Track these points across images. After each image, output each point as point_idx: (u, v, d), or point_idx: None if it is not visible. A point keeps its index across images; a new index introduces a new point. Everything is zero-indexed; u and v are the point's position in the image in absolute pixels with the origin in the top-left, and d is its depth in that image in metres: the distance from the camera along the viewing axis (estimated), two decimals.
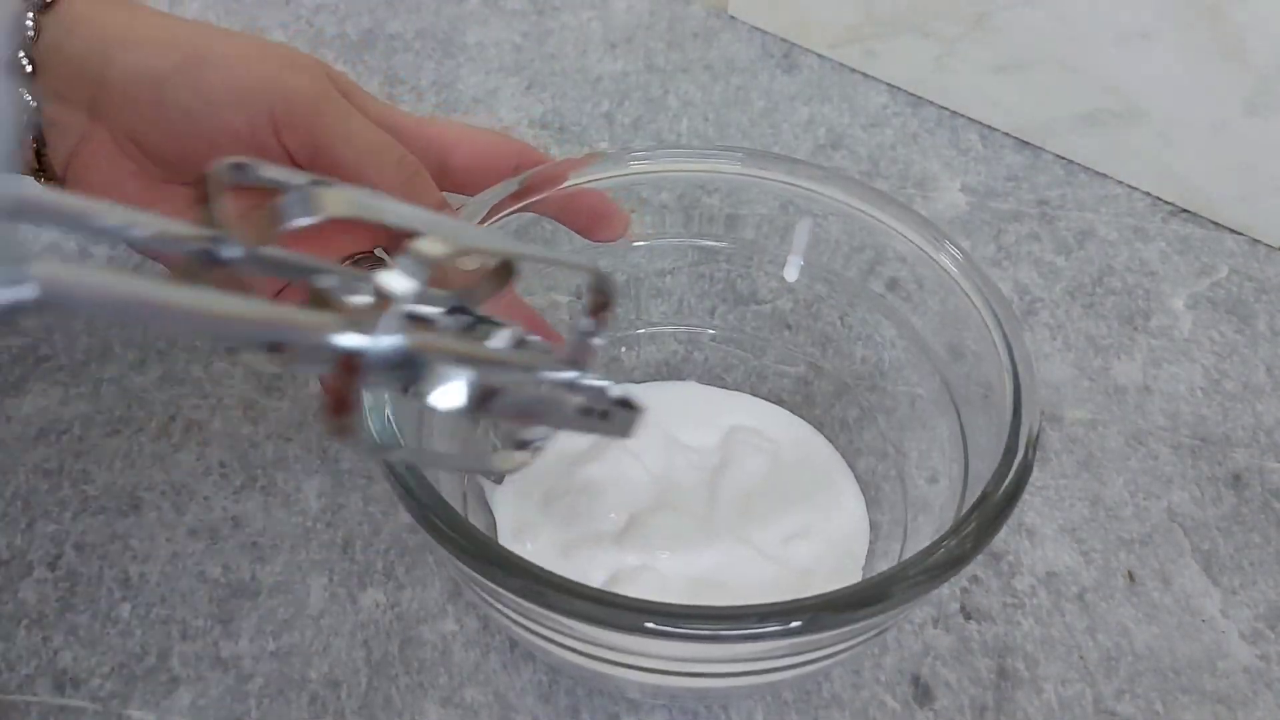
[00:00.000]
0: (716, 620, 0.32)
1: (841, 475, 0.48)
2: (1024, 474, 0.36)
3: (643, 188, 0.46)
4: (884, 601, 0.32)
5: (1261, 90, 0.56)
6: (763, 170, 0.45)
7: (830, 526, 0.46)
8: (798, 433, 0.49)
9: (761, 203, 0.47)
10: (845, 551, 0.45)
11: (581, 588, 0.32)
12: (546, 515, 0.45)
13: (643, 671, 0.36)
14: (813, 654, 0.35)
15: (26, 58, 0.40)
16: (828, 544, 0.45)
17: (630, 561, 0.43)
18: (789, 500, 0.46)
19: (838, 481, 0.47)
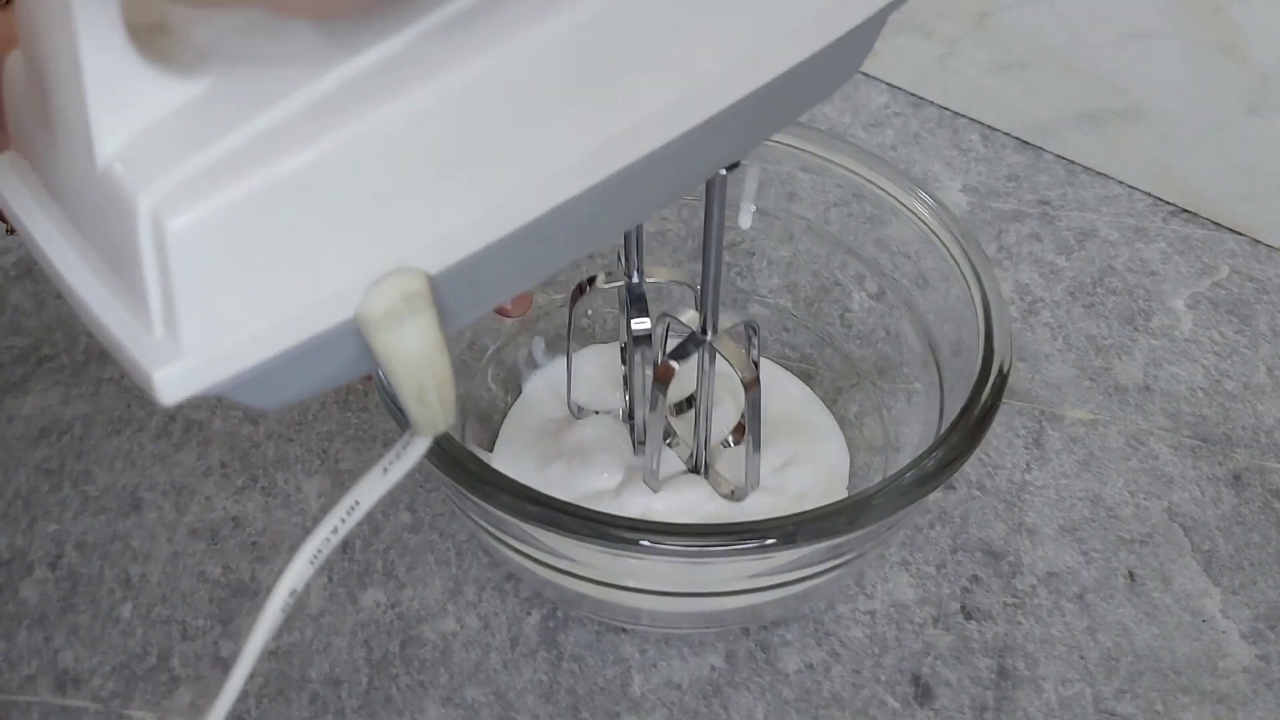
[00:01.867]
0: (729, 534, 0.36)
1: (818, 409, 0.51)
2: (996, 395, 0.39)
3: None
4: (869, 513, 0.36)
5: (1262, 90, 0.56)
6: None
7: (818, 453, 0.49)
8: (769, 370, 0.52)
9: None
10: (835, 475, 0.48)
11: (583, 509, 0.36)
12: (544, 480, 0.46)
13: (658, 596, 0.41)
14: (812, 567, 0.39)
15: None
16: (817, 469, 0.48)
17: (632, 510, 0.45)
18: (775, 432, 0.48)
19: (816, 414, 0.50)
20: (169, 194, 0.22)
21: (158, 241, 0.22)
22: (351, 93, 0.23)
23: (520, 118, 0.24)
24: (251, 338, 0.24)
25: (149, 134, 0.23)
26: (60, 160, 0.24)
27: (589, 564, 0.40)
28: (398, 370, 0.26)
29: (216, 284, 0.23)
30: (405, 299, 0.25)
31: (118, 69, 0.22)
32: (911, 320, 0.47)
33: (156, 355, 0.23)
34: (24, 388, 0.52)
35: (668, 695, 0.44)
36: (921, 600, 0.46)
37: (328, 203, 0.23)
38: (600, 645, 0.45)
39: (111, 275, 0.24)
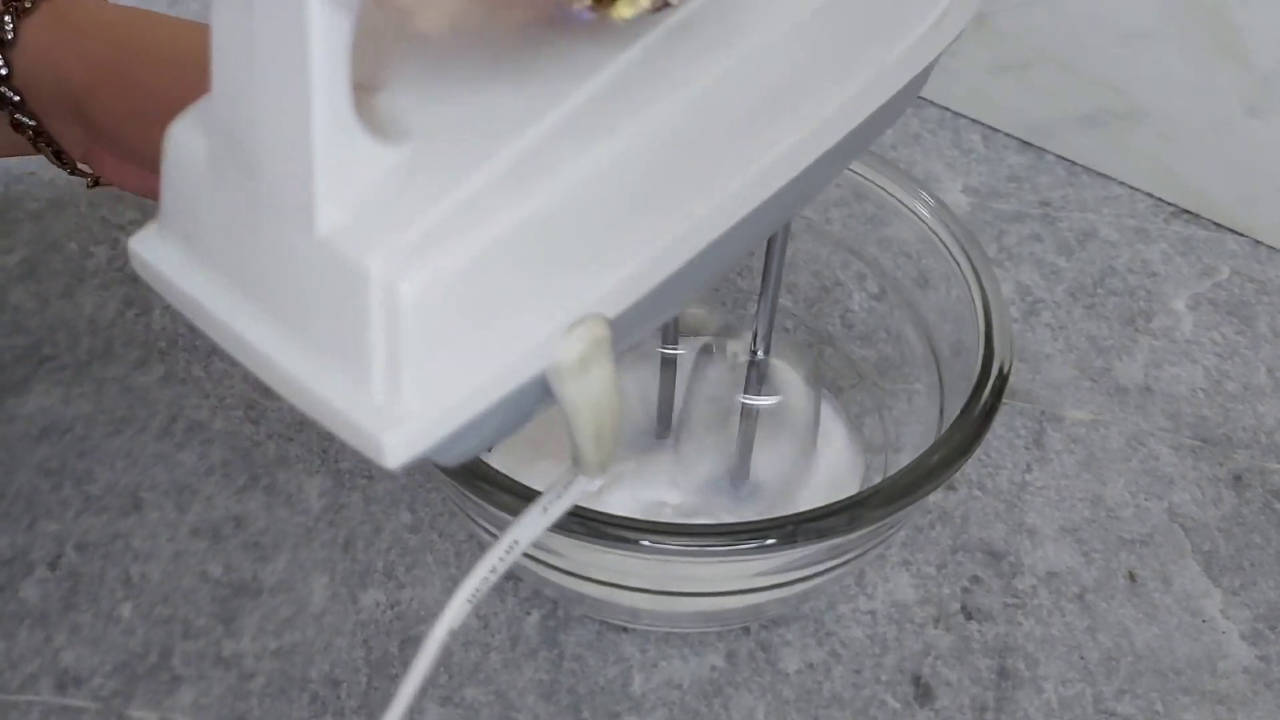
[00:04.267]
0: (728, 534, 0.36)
1: (828, 409, 0.50)
2: (997, 395, 0.39)
3: None
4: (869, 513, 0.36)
5: (1262, 90, 0.56)
6: None
7: (826, 452, 0.49)
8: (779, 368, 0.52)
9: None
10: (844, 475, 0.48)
11: (582, 509, 0.35)
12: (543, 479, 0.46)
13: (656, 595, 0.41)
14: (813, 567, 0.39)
15: (3, 60, 0.41)
16: (825, 469, 0.48)
17: (647, 499, 0.46)
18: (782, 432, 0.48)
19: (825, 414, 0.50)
20: (397, 259, 0.23)
21: (389, 306, 0.23)
22: (549, 147, 0.24)
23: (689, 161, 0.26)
24: (464, 397, 0.25)
25: (365, 201, 0.23)
26: (258, 230, 0.24)
27: (589, 563, 0.40)
28: (583, 415, 0.27)
29: (438, 345, 0.24)
30: (596, 345, 0.26)
31: (344, 138, 0.23)
32: (912, 320, 0.47)
33: (381, 420, 0.24)
34: (25, 387, 0.52)
35: (668, 695, 0.44)
36: (922, 600, 0.46)
37: (534, 257, 0.24)
38: (601, 645, 0.45)
39: (315, 343, 0.24)
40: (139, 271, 0.27)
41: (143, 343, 0.54)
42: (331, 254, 0.23)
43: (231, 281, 0.25)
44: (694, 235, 0.27)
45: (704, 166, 0.27)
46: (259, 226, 0.24)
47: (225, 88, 0.24)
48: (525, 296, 0.25)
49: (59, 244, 0.57)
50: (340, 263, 0.23)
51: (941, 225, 0.44)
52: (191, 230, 0.26)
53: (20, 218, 0.58)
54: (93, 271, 0.56)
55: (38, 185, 0.59)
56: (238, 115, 0.24)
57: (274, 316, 0.25)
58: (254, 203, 0.24)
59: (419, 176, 0.24)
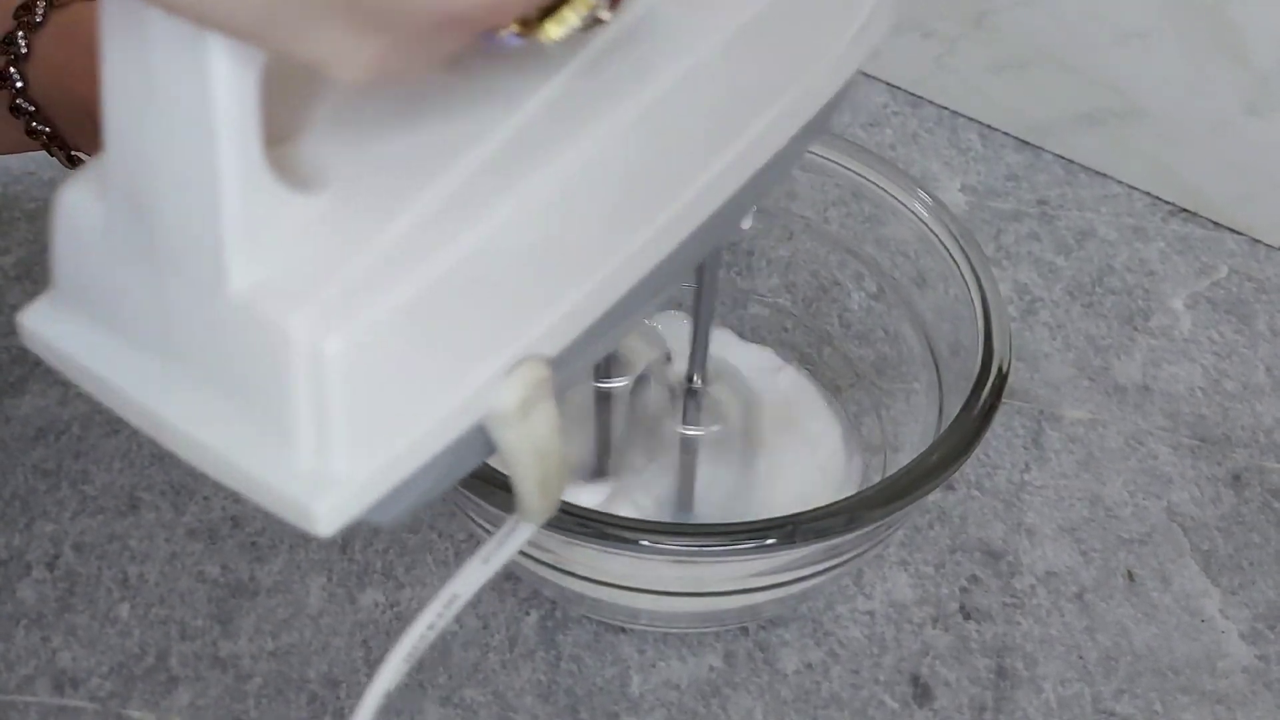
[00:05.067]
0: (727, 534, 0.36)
1: (819, 403, 0.50)
2: (996, 395, 0.39)
3: None
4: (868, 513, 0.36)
5: (1261, 90, 0.56)
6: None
7: (818, 448, 0.49)
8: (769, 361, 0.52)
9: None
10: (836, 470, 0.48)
11: (582, 509, 0.36)
12: None
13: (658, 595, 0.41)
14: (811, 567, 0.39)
15: (18, 74, 0.41)
16: (816, 465, 0.48)
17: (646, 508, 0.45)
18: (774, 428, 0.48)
19: (816, 408, 0.50)
20: (319, 316, 0.21)
21: (313, 366, 0.21)
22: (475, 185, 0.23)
23: (620, 191, 0.25)
24: (398, 454, 0.23)
25: (281, 256, 0.22)
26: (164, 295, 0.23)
27: (587, 563, 0.40)
28: (526, 461, 0.25)
29: (368, 403, 0.22)
30: (536, 388, 0.25)
31: (254, 191, 0.21)
32: (910, 320, 0.47)
33: (310, 487, 0.22)
34: (21, 388, 0.52)
35: (666, 695, 0.44)
36: (920, 600, 0.46)
37: (466, 301, 0.23)
38: (599, 645, 0.45)
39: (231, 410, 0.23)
40: (31, 347, 0.25)
41: None
42: (248, 314, 0.22)
43: (138, 352, 0.23)
44: (629, 267, 0.26)
45: (635, 196, 0.26)
46: (166, 291, 0.22)
47: (121, 144, 0.22)
48: (458, 343, 0.24)
49: None
50: (258, 323, 0.21)
51: (940, 224, 0.44)
52: (90, 300, 0.24)
53: (17, 218, 0.58)
54: None
55: (35, 185, 0.59)
56: (136, 173, 0.22)
57: (187, 386, 0.23)
58: (160, 265, 0.22)
59: (339, 226, 0.22)
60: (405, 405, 0.23)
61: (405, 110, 0.24)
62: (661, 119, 0.25)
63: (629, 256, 0.26)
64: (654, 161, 0.26)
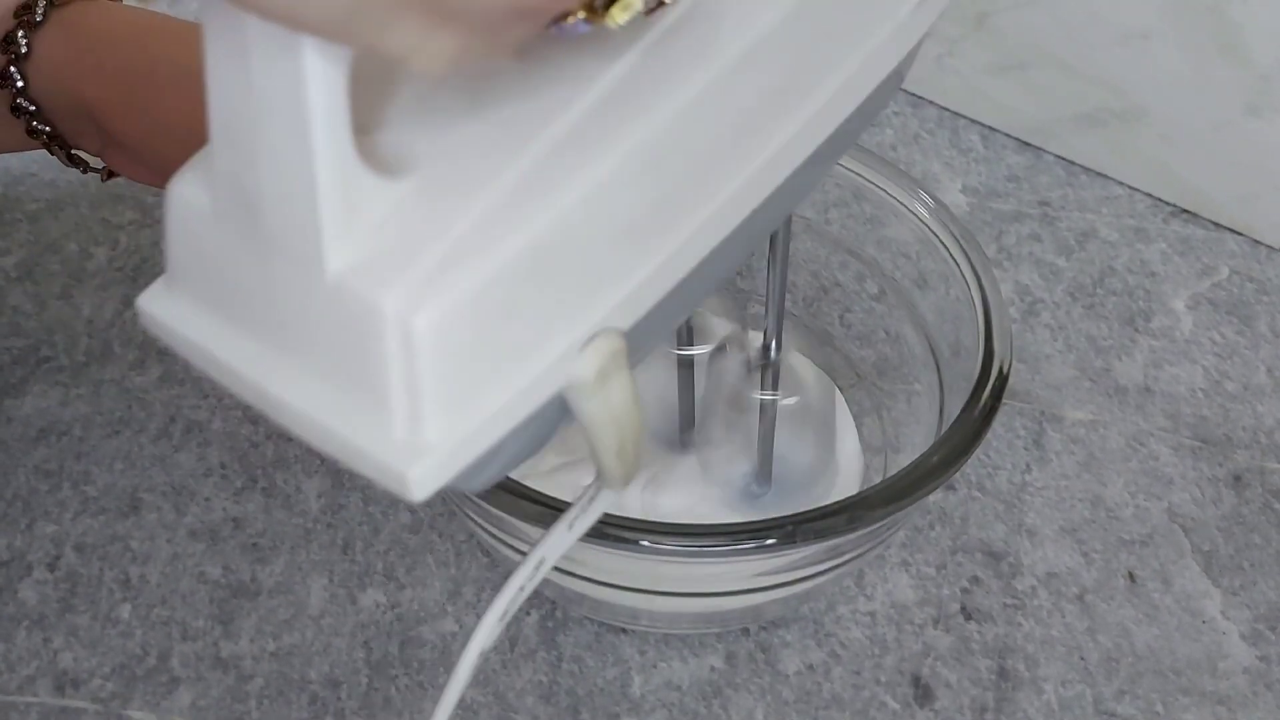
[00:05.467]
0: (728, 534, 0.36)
1: (838, 404, 0.50)
2: (997, 396, 0.39)
3: None
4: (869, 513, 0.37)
5: (1262, 90, 0.56)
6: None
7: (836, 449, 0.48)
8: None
9: None
10: (850, 471, 0.48)
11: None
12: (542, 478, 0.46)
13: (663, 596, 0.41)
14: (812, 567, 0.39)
15: (19, 74, 0.41)
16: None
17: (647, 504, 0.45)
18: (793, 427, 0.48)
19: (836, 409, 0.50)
20: (409, 293, 0.23)
21: (404, 340, 0.23)
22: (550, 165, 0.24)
23: (688, 166, 0.26)
24: (483, 423, 0.25)
25: (373, 238, 0.23)
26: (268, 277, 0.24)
27: (588, 564, 0.40)
28: (606, 430, 0.27)
29: (456, 374, 0.24)
30: (612, 359, 0.26)
31: (347, 178, 0.23)
32: (911, 321, 0.47)
33: (405, 455, 0.24)
34: (23, 389, 0.52)
35: (668, 696, 0.44)
36: (921, 601, 0.46)
37: (544, 276, 0.25)
38: (600, 646, 0.45)
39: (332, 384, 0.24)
40: (150, 328, 0.27)
41: (141, 344, 0.54)
42: (344, 293, 0.23)
43: (245, 330, 0.25)
44: (699, 239, 0.27)
45: (704, 170, 0.27)
46: (270, 272, 0.24)
47: (225, 139, 0.24)
48: (538, 317, 0.25)
49: (57, 245, 0.57)
50: (353, 301, 0.23)
51: (941, 225, 0.44)
52: (201, 283, 0.26)
53: (19, 219, 0.58)
54: (91, 273, 0.56)
55: (37, 186, 0.59)
56: (240, 165, 0.24)
57: (290, 361, 0.25)
58: (263, 249, 0.24)
59: (424, 208, 0.24)
60: (489, 376, 0.25)
61: (481, 96, 0.25)
62: (726, 93, 0.26)
63: (699, 229, 0.27)
64: (720, 135, 0.27)
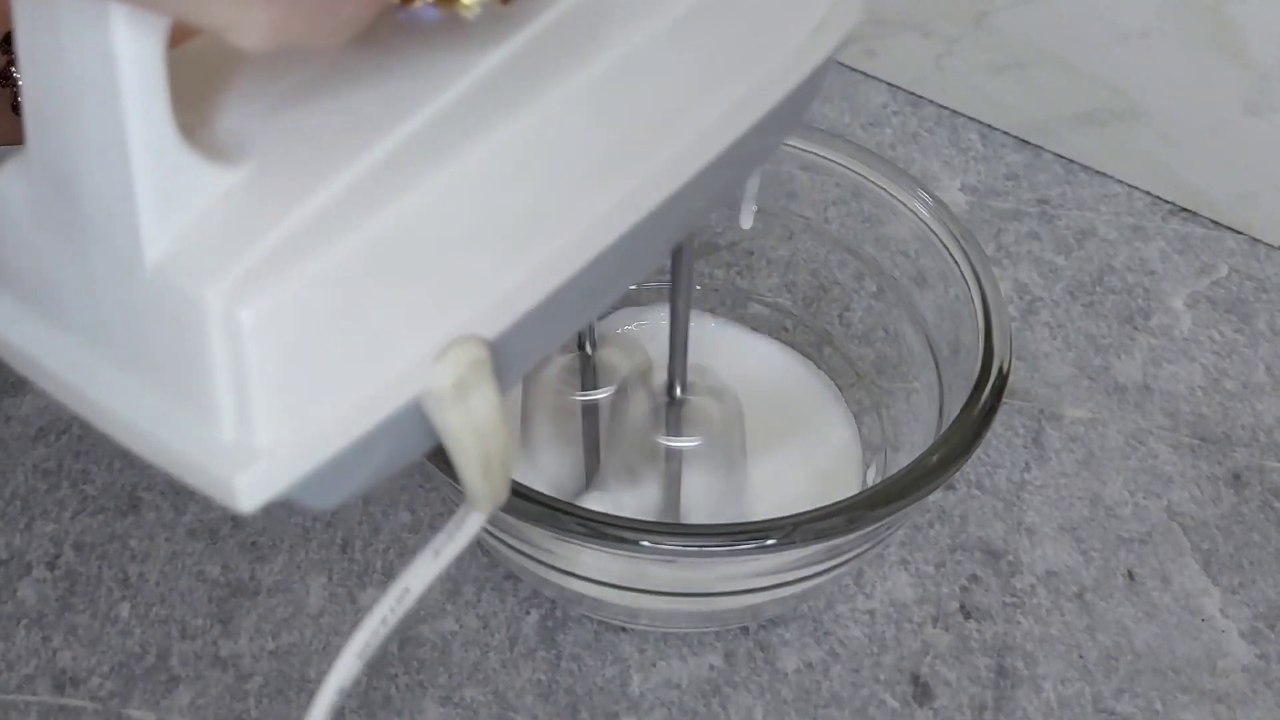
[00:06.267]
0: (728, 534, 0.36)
1: (829, 395, 0.50)
2: (996, 396, 0.39)
3: None
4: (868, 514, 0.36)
5: (1261, 90, 0.56)
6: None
7: (825, 444, 0.49)
8: (774, 353, 0.52)
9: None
10: (844, 466, 0.48)
11: (583, 509, 0.36)
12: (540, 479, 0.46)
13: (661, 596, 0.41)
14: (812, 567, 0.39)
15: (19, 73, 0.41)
16: (825, 461, 0.48)
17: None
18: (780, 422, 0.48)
19: (825, 401, 0.50)
20: (235, 285, 0.21)
21: (230, 335, 0.21)
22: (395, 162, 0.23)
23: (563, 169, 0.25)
24: (324, 430, 0.23)
25: (199, 228, 0.22)
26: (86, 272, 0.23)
27: (588, 563, 0.40)
28: (465, 443, 0.25)
29: (289, 376, 0.22)
30: (472, 367, 0.24)
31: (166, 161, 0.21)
32: (911, 319, 0.47)
33: (233, 460, 0.22)
34: (22, 387, 0.52)
35: (667, 695, 0.44)
36: (920, 599, 0.46)
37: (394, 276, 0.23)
38: (599, 645, 0.45)
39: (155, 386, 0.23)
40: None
41: None
42: (163, 285, 0.21)
43: (67, 331, 0.23)
44: (575, 249, 0.26)
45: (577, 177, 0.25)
46: (91, 267, 0.22)
47: (39, 122, 0.22)
48: (385, 318, 0.23)
49: None
50: (173, 294, 0.21)
51: (940, 224, 0.44)
52: (20, 282, 0.24)
53: None
54: None
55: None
56: (55, 149, 0.22)
57: (112, 363, 0.23)
58: (81, 241, 0.22)
59: (259, 198, 0.22)
60: (330, 380, 0.23)
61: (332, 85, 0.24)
62: (604, 98, 0.25)
63: (575, 239, 0.26)
64: (596, 142, 0.25)
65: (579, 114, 0.25)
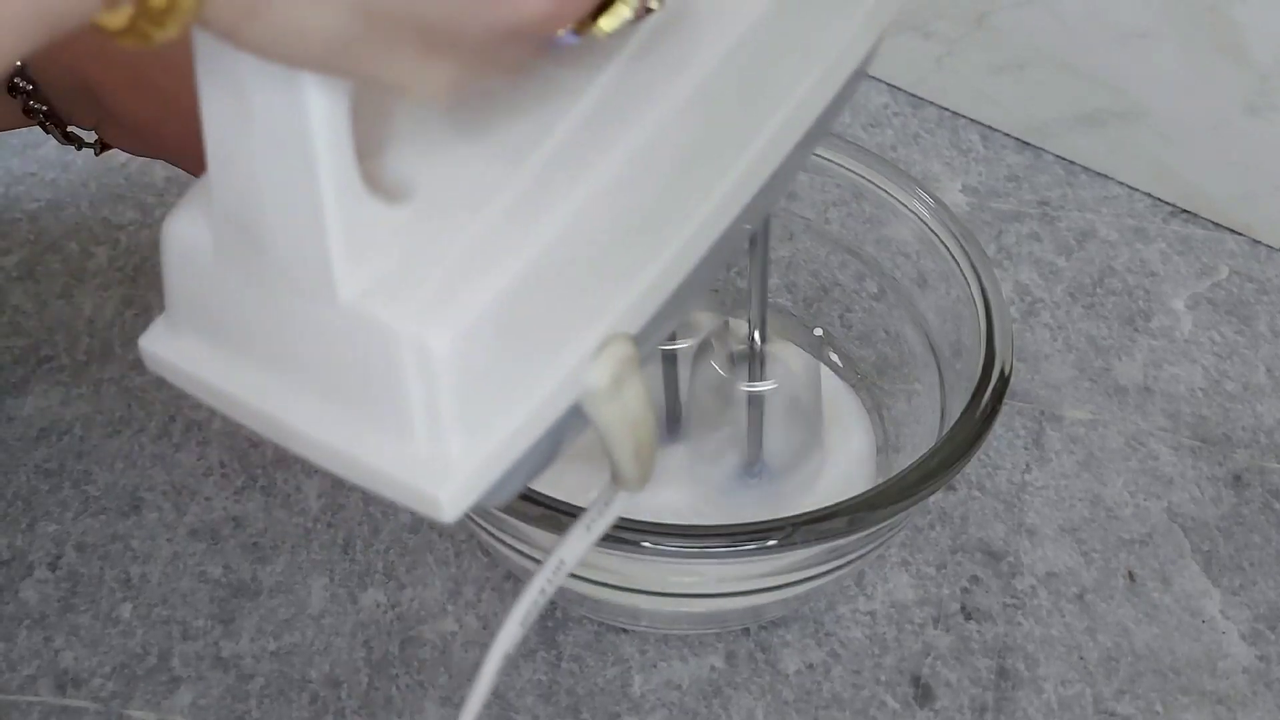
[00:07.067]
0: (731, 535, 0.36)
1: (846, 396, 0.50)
2: (998, 398, 0.39)
3: None
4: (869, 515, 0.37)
5: (1261, 90, 0.56)
6: None
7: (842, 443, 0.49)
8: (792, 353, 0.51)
9: None
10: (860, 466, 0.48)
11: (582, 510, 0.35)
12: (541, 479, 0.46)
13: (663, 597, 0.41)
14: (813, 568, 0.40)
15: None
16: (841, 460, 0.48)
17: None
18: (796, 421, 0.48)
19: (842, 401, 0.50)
20: (423, 315, 0.23)
21: (422, 361, 0.23)
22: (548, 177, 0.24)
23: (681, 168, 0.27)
24: (506, 439, 0.25)
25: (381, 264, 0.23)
26: (277, 308, 0.24)
27: (588, 564, 0.40)
28: (622, 434, 0.27)
29: (475, 393, 0.24)
30: (625, 363, 0.26)
31: (353, 208, 0.23)
32: (912, 321, 0.47)
33: (433, 476, 0.24)
34: (24, 388, 0.52)
35: (668, 695, 0.44)
36: (921, 601, 0.46)
37: (552, 288, 0.25)
38: (600, 645, 0.45)
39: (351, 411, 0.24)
40: (154, 369, 0.27)
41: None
42: (358, 319, 0.23)
43: (255, 364, 0.25)
44: (697, 239, 0.28)
45: (695, 171, 0.27)
46: (278, 304, 0.24)
47: (225, 175, 0.24)
48: (550, 329, 0.25)
49: (58, 244, 0.57)
50: (369, 327, 0.23)
51: (941, 225, 0.44)
52: (205, 320, 0.26)
53: (19, 218, 0.58)
54: (92, 272, 0.56)
55: (37, 186, 0.59)
56: (243, 200, 0.24)
57: (306, 392, 0.25)
58: (269, 282, 0.24)
59: (429, 230, 0.24)
60: (508, 392, 0.25)
61: (473, 115, 0.25)
62: (712, 94, 0.27)
63: (696, 230, 0.28)
64: (709, 135, 0.27)
65: (691, 114, 0.26)
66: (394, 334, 0.23)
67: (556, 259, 0.24)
